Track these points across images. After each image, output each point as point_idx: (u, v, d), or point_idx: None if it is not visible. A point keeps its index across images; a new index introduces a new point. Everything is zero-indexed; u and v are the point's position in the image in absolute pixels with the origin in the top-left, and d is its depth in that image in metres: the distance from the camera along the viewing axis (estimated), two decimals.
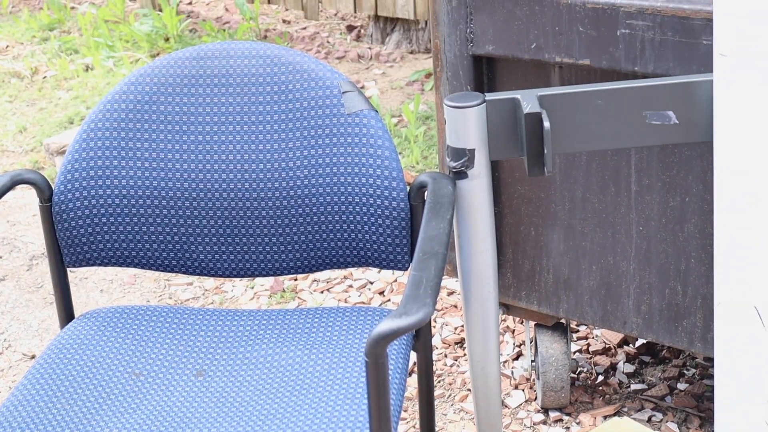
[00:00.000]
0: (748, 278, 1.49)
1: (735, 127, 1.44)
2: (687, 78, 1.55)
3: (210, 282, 2.90)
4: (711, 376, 2.32)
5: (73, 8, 5.73)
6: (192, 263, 1.76)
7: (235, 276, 1.77)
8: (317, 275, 2.87)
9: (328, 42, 4.92)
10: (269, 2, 5.09)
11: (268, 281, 2.86)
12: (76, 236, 1.73)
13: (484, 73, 1.96)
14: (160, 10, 5.26)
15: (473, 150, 1.57)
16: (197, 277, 2.87)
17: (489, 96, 1.58)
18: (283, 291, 2.81)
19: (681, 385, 2.31)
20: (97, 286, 2.93)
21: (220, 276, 1.77)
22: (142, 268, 1.77)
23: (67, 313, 1.78)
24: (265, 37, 5.04)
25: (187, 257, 1.75)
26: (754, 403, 1.54)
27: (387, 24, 4.74)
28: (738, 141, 1.44)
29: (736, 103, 1.43)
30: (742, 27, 1.39)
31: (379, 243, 1.67)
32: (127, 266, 1.77)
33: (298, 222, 1.71)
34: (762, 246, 1.47)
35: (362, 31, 4.99)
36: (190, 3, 5.77)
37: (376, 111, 1.69)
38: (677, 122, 1.55)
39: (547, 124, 1.51)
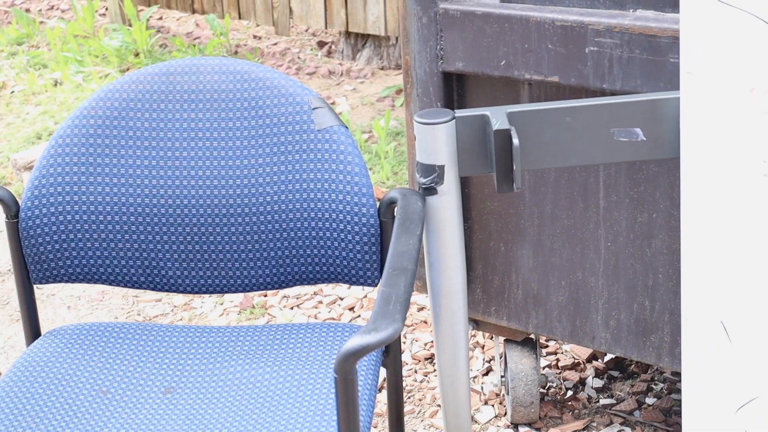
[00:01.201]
0: (715, 293, 1.51)
1: (701, 144, 1.46)
2: (654, 95, 1.56)
3: (179, 298, 2.88)
4: (679, 391, 2.33)
5: (42, 23, 5.70)
6: (160, 279, 1.75)
7: (204, 292, 1.76)
8: (287, 291, 2.87)
9: (299, 58, 4.92)
10: (240, 18, 5.09)
11: (238, 297, 2.85)
12: (42, 252, 1.71)
13: (454, 90, 1.96)
14: (130, 25, 5.25)
15: (443, 166, 1.57)
16: (166, 293, 2.86)
17: (458, 113, 1.58)
18: (253, 307, 2.80)
19: (649, 400, 2.32)
20: (64, 303, 2.91)
21: (189, 292, 1.76)
22: (110, 284, 1.76)
23: (33, 330, 1.76)
24: (236, 52, 5.04)
25: (155, 273, 1.75)
26: (721, 417, 1.55)
27: (358, 40, 4.75)
28: (704, 158, 1.46)
29: (702, 120, 1.44)
30: (708, 45, 1.40)
31: (349, 259, 1.67)
32: (95, 283, 1.76)
33: (267, 238, 1.70)
34: (728, 261, 1.48)
35: (333, 47, 5.00)
36: (161, 18, 5.76)
37: (346, 127, 1.69)
38: (644, 139, 1.57)
39: (516, 140, 1.52)
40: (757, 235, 1.45)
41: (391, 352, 1.66)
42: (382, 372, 1.95)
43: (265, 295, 2.86)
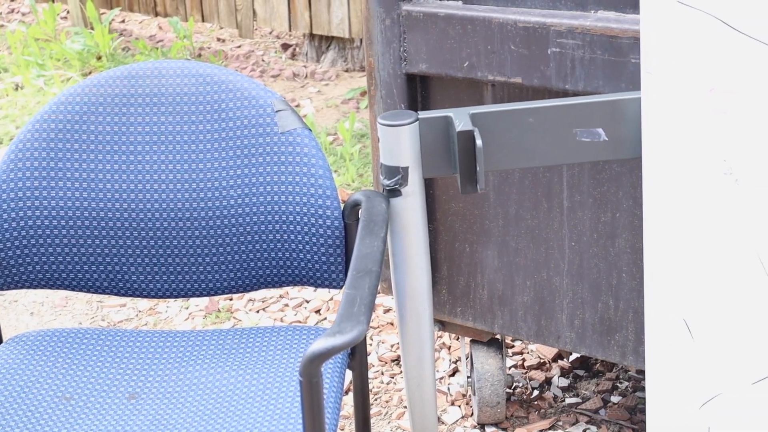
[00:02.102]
0: (677, 292, 1.52)
1: (662, 143, 1.47)
2: (615, 96, 1.57)
3: (144, 303, 2.86)
4: (643, 389, 2.35)
5: (2, 26, 5.65)
6: (124, 284, 1.74)
7: (169, 297, 1.75)
8: (253, 295, 2.86)
9: (263, 60, 4.91)
10: (203, 20, 5.07)
11: (203, 301, 2.84)
12: (4, 258, 1.70)
13: (418, 92, 1.97)
14: (92, 29, 5.21)
15: (407, 168, 1.58)
16: (130, 298, 2.84)
17: (422, 114, 1.59)
18: (219, 311, 2.79)
19: (614, 398, 2.33)
20: (27, 309, 2.88)
21: (154, 297, 1.75)
22: (74, 290, 1.74)
23: None
24: (200, 55, 5.02)
25: (119, 278, 1.73)
26: (685, 413, 1.57)
27: (322, 42, 4.74)
28: (665, 157, 1.47)
29: (662, 120, 1.46)
30: (667, 46, 1.42)
31: (314, 262, 1.67)
32: (58, 288, 1.74)
33: (232, 241, 1.70)
34: (690, 259, 1.50)
35: (297, 49, 4.99)
36: (123, 21, 5.73)
37: (310, 129, 1.69)
38: (607, 139, 1.58)
39: (479, 141, 1.53)
40: (718, 233, 1.47)
41: (356, 354, 1.65)
42: (348, 374, 1.94)
43: (231, 299, 2.85)
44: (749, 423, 1.53)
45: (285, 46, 5.04)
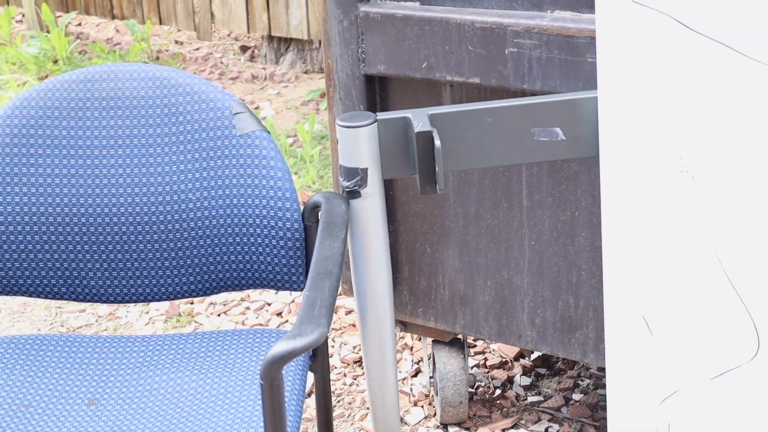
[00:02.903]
0: (636, 289, 1.53)
1: (619, 142, 1.48)
2: (573, 95, 1.58)
3: (103, 308, 2.84)
4: (605, 386, 2.37)
5: None
6: (83, 290, 1.72)
7: (129, 301, 1.74)
8: (214, 298, 2.84)
9: (221, 62, 4.89)
10: (161, 23, 5.04)
11: (164, 306, 2.82)
12: None
13: (377, 93, 1.97)
14: (48, 32, 5.16)
15: (366, 169, 1.58)
16: (90, 303, 2.82)
17: (380, 115, 1.59)
18: (179, 315, 2.77)
19: (576, 396, 2.35)
20: None
21: (113, 302, 1.74)
22: (32, 296, 1.72)
23: None
24: (158, 58, 4.99)
25: (77, 284, 1.72)
26: (645, 410, 1.58)
27: (281, 44, 4.73)
28: (622, 155, 1.48)
29: (619, 118, 1.47)
30: (623, 45, 1.43)
31: (274, 264, 1.67)
32: (16, 294, 1.72)
33: (191, 245, 1.69)
34: (648, 257, 1.51)
35: (256, 51, 4.97)
36: (80, 24, 5.68)
37: (268, 132, 1.69)
38: (564, 138, 1.58)
39: (438, 142, 1.53)
40: (675, 230, 1.48)
41: (318, 357, 1.65)
42: (310, 377, 1.94)
43: (192, 303, 2.83)
44: (708, 418, 1.54)
45: (244, 48, 5.02)
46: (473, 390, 2.37)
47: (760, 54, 1.31)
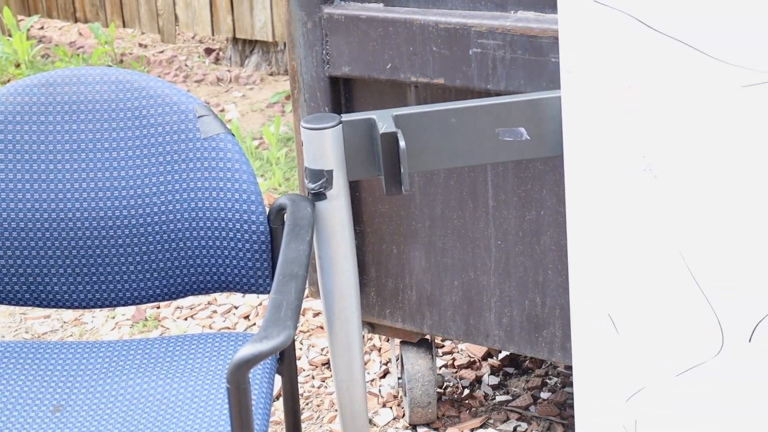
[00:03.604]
0: (601, 287, 1.54)
1: (582, 141, 1.49)
2: (536, 95, 1.59)
3: (69, 314, 2.82)
4: (572, 384, 2.38)
5: None
6: (47, 296, 1.71)
7: (94, 306, 1.73)
8: (180, 302, 2.83)
9: (186, 65, 4.87)
10: (124, 26, 5.01)
11: (130, 310, 2.80)
12: None
13: (342, 94, 1.97)
14: (10, 36, 5.11)
15: (331, 171, 1.57)
16: (55, 309, 2.79)
17: (345, 117, 1.58)
18: (146, 320, 2.76)
19: (544, 394, 2.35)
20: None
21: (79, 307, 1.73)
22: None
23: None
24: (121, 61, 4.96)
25: (41, 290, 1.70)
26: (612, 407, 1.59)
27: (246, 46, 4.72)
28: (586, 155, 1.49)
29: (582, 118, 1.47)
30: (585, 45, 1.43)
31: (240, 267, 1.66)
32: None
33: (156, 249, 1.68)
34: (612, 255, 1.52)
35: (221, 53, 4.95)
36: (42, 28, 5.63)
37: (233, 134, 1.68)
38: (529, 138, 1.59)
39: (402, 143, 1.53)
40: (639, 228, 1.49)
41: (285, 359, 1.65)
42: (278, 380, 1.94)
43: (158, 307, 2.82)
44: (674, 414, 1.55)
45: (208, 51, 5.00)
46: (442, 390, 2.38)
47: (721, 53, 1.32)
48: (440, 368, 2.45)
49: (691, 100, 1.38)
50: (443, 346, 2.54)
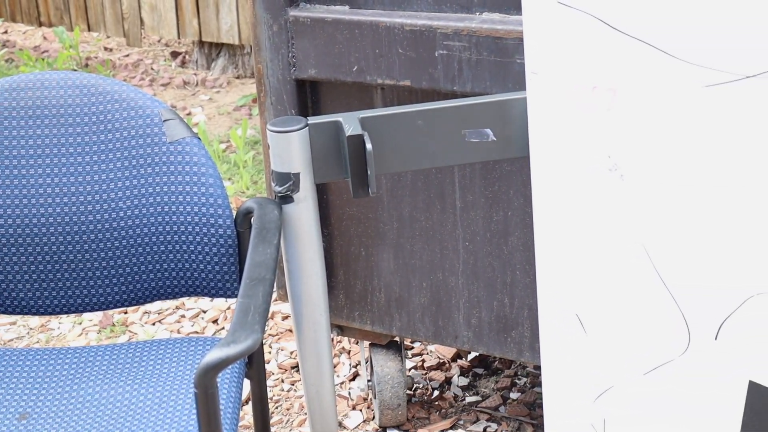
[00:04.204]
0: (569, 287, 1.54)
1: (548, 142, 1.49)
2: (502, 96, 1.59)
3: (35, 320, 2.79)
4: (541, 384, 2.38)
5: None
6: (12, 302, 1.69)
7: (61, 313, 1.71)
8: (148, 307, 2.81)
9: (152, 69, 4.84)
10: (89, 30, 4.98)
11: (97, 316, 2.78)
12: None
13: (308, 97, 1.96)
14: None
15: (298, 174, 1.57)
16: (20, 315, 2.77)
17: (311, 120, 1.58)
18: (113, 325, 2.74)
19: (513, 395, 2.36)
20: None
21: (44, 313, 1.71)
22: None
23: None
24: (87, 65, 4.93)
25: (6, 296, 1.69)
26: (580, 406, 1.59)
27: (212, 49, 4.70)
28: (552, 155, 1.49)
29: (548, 118, 1.48)
30: (550, 46, 1.44)
31: (207, 271, 1.65)
32: None
33: (123, 254, 1.67)
34: (579, 255, 1.52)
35: (187, 56, 4.93)
36: (6, 32, 5.58)
37: (199, 138, 1.67)
38: (495, 139, 1.59)
39: (369, 145, 1.53)
40: (605, 228, 1.50)
41: (254, 363, 1.64)
42: (247, 384, 1.93)
43: (126, 312, 2.80)
44: (642, 412, 1.56)
45: (174, 54, 4.98)
46: (411, 392, 2.38)
47: (684, 53, 1.33)
48: (410, 370, 2.45)
49: (655, 100, 1.39)
50: (412, 348, 2.54)
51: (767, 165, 1.30)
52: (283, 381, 2.47)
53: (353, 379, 2.45)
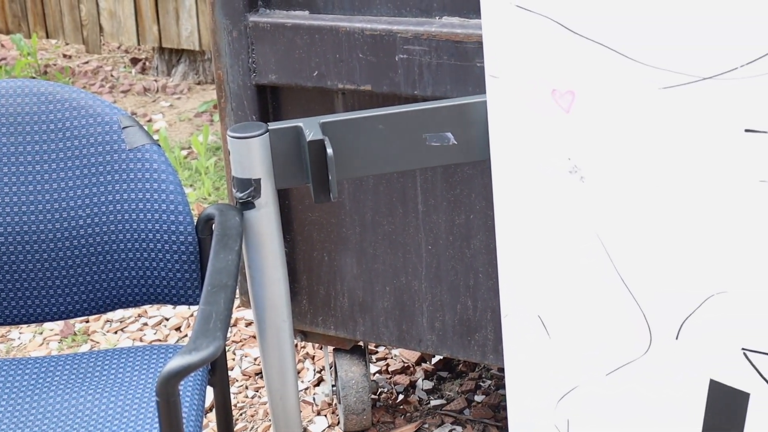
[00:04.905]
0: (531, 289, 1.55)
1: (509, 145, 1.50)
2: (462, 100, 1.60)
3: None
4: (505, 386, 2.39)
5: None
6: None
7: (21, 322, 1.70)
8: (110, 315, 2.79)
9: (112, 76, 4.81)
10: (48, 37, 4.94)
11: (58, 326, 2.76)
12: None
13: (269, 103, 1.96)
14: None
15: (258, 180, 1.56)
16: None
17: (272, 125, 1.58)
18: (75, 334, 2.71)
19: (478, 397, 2.37)
20: None
21: (4, 323, 1.69)
22: None
23: None
24: (45, 72, 4.88)
25: None
26: (544, 407, 1.60)
27: (172, 55, 4.68)
28: (512, 158, 1.50)
29: (508, 121, 1.48)
30: (509, 49, 1.44)
31: (169, 279, 1.64)
32: None
33: (83, 262, 1.65)
34: (540, 257, 1.53)
35: (147, 63, 4.91)
36: None
37: (159, 145, 1.66)
38: (456, 143, 1.60)
39: (330, 150, 1.53)
40: (566, 230, 1.50)
41: (217, 370, 1.63)
42: (211, 391, 1.92)
43: (87, 321, 2.78)
44: (605, 413, 1.57)
45: (134, 61, 4.95)
46: (376, 396, 2.38)
47: (640, 55, 1.34)
48: (374, 374, 2.45)
49: (613, 102, 1.40)
50: (377, 352, 2.54)
51: (724, 166, 1.31)
52: (247, 388, 2.46)
53: (318, 384, 2.44)
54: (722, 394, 1.45)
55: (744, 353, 1.37)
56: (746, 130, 1.27)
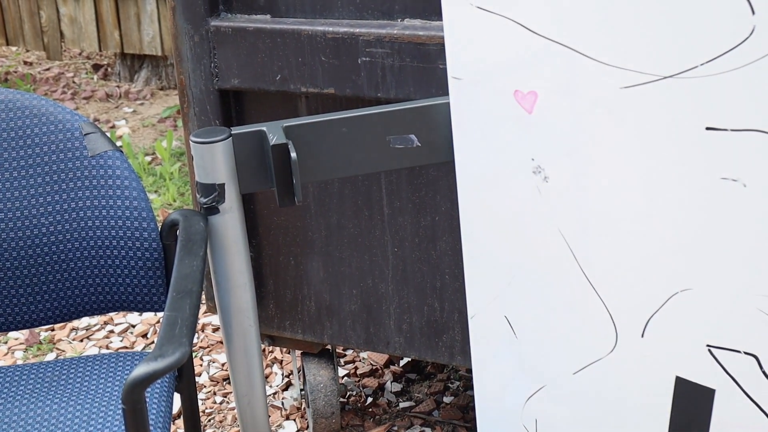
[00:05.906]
0: (497, 290, 1.55)
1: (472, 146, 1.50)
2: (425, 102, 1.60)
3: None
4: (473, 387, 2.40)
5: None
6: None
7: None
8: (76, 323, 2.77)
9: (74, 82, 4.77)
10: (8, 44, 4.89)
11: (23, 334, 2.73)
12: None
13: (232, 107, 1.95)
14: None
15: (222, 185, 1.56)
16: None
17: (235, 130, 1.57)
18: (40, 343, 2.69)
19: (447, 399, 2.37)
20: None
21: None
22: None
23: None
24: (6, 80, 4.84)
25: None
26: (511, 408, 1.60)
27: (134, 61, 4.65)
28: (476, 159, 1.50)
29: (471, 123, 1.49)
30: (471, 50, 1.45)
31: (133, 286, 1.63)
32: None
33: (46, 271, 1.64)
34: (506, 257, 1.53)
35: (109, 69, 4.87)
36: None
37: (121, 151, 1.65)
38: (419, 145, 1.60)
39: (293, 154, 1.52)
40: (531, 230, 1.51)
41: (184, 377, 1.62)
42: (178, 398, 1.91)
43: (53, 329, 2.75)
44: (573, 411, 1.58)
45: (96, 67, 4.92)
46: (345, 400, 2.37)
47: (600, 54, 1.35)
48: (342, 378, 2.45)
49: (576, 101, 1.41)
50: (345, 356, 2.54)
51: (686, 164, 1.32)
52: (215, 393, 2.45)
53: (286, 388, 2.44)
54: (688, 391, 1.46)
55: (709, 350, 1.38)
56: (707, 128, 1.28)
